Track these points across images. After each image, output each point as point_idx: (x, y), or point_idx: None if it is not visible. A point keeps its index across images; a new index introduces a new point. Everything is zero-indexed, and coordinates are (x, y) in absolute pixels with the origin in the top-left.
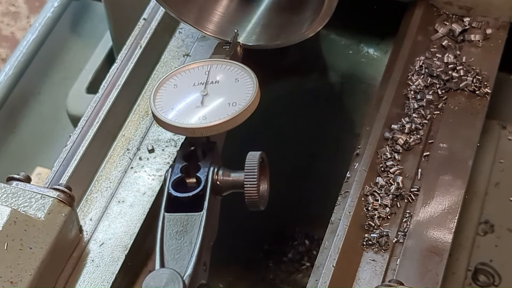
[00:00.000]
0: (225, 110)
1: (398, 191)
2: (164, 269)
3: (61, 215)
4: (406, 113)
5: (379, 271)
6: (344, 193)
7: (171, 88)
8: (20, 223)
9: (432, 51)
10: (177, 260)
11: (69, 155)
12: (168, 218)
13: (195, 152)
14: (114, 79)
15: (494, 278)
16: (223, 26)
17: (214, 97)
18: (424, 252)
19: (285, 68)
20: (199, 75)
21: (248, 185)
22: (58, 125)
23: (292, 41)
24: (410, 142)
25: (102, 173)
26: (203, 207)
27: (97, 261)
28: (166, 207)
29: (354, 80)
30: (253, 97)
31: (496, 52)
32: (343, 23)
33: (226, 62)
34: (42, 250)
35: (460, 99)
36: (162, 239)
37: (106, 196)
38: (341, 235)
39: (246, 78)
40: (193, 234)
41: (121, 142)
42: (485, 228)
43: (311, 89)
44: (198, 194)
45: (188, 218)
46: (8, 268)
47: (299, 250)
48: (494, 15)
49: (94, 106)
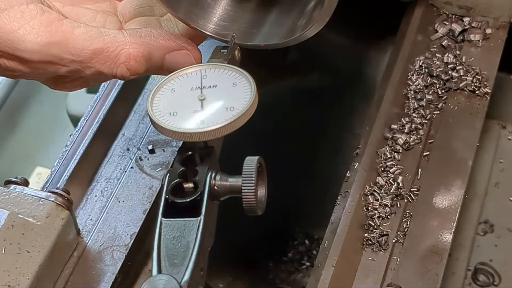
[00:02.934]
0: (223, 114)
1: (398, 191)
2: (161, 275)
3: (59, 219)
4: (406, 113)
5: (379, 270)
6: (344, 193)
7: (169, 93)
8: (17, 227)
9: (432, 51)
10: (174, 265)
11: (69, 155)
12: (165, 224)
13: (192, 156)
14: (114, 79)
15: (494, 278)
16: (220, 25)
17: (212, 101)
18: (424, 252)
19: (285, 68)
20: (197, 79)
21: (246, 190)
22: (58, 125)
23: (292, 41)
24: (410, 142)
25: (102, 173)
26: (200, 212)
27: (97, 261)
28: (164, 212)
29: (354, 80)
30: (251, 102)
31: (496, 52)
32: (343, 23)
33: (223, 66)
34: (40, 254)
35: (460, 99)
36: (160, 244)
37: (106, 196)
38: (341, 235)
39: (243, 82)
40: (190, 239)
41: (121, 142)
42: (485, 228)
43: (311, 89)
44: (196, 199)
45: (186, 224)
46: (6, 272)
47: (299, 250)
48: (494, 15)
49: (94, 106)
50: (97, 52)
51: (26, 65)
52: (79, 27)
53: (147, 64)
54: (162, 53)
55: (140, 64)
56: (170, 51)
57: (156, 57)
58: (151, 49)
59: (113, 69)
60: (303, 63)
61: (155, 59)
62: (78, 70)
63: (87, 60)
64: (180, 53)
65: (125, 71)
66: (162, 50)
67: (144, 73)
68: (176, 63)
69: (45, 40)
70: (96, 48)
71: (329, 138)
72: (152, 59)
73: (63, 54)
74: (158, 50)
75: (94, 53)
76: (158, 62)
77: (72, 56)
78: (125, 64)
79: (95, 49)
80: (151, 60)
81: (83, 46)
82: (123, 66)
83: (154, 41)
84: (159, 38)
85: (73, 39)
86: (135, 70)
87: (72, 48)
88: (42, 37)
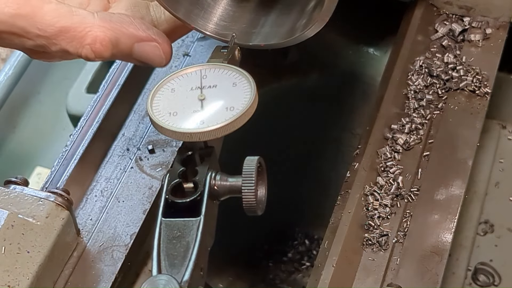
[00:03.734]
0: (223, 114)
1: (398, 191)
2: (161, 275)
3: (59, 219)
4: (406, 113)
5: (379, 270)
6: (344, 193)
7: (169, 93)
8: (17, 227)
9: (432, 51)
10: (174, 265)
11: (69, 155)
12: (165, 224)
13: (192, 156)
14: (114, 79)
15: (494, 278)
16: (220, 25)
17: (212, 101)
18: (424, 252)
19: (285, 68)
20: (197, 79)
21: (246, 190)
22: (58, 125)
23: (292, 41)
24: (410, 142)
25: (102, 173)
26: (200, 212)
27: (97, 261)
28: (163, 212)
29: (354, 80)
30: (251, 102)
31: (496, 52)
32: (343, 23)
33: (223, 66)
34: (40, 254)
35: (460, 99)
36: (159, 244)
37: (106, 196)
38: (341, 235)
39: (243, 82)
40: (190, 239)
41: (121, 142)
42: (485, 228)
43: (311, 89)
44: (196, 199)
45: (185, 224)
46: (6, 272)
47: (299, 250)
48: (494, 15)
49: (94, 106)
50: (63, 30)
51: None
52: (49, 3)
53: (113, 49)
54: (131, 42)
55: (105, 48)
56: (139, 41)
57: (124, 44)
58: (118, 35)
59: (78, 49)
60: (303, 63)
61: (123, 46)
62: (44, 45)
63: (53, 37)
64: (149, 45)
65: (90, 52)
66: (130, 39)
67: (109, 57)
68: (145, 53)
69: (11, 11)
70: (63, 26)
71: (329, 138)
72: (120, 45)
73: (29, 27)
74: (127, 38)
75: (60, 31)
76: (125, 49)
77: (38, 31)
78: (91, 45)
79: (61, 27)
80: (118, 46)
81: (50, 23)
82: (88, 47)
83: (124, 28)
84: (130, 26)
85: (41, 14)
86: (100, 53)
87: (38, 23)
88: (10, 8)
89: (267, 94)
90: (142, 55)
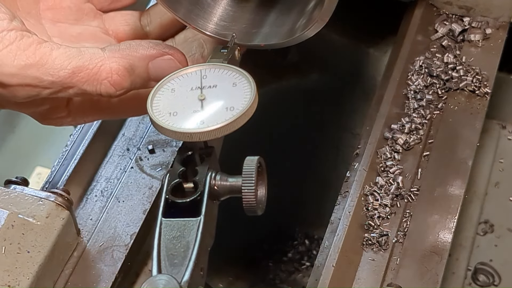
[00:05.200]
0: (223, 114)
1: (398, 191)
2: (161, 275)
3: (59, 219)
4: (406, 113)
5: (379, 270)
6: (344, 193)
7: (169, 93)
8: (17, 227)
9: (432, 51)
10: (174, 265)
11: (69, 155)
12: (165, 224)
13: (192, 156)
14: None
15: (494, 278)
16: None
17: (212, 101)
18: (424, 252)
19: (285, 68)
20: (197, 79)
21: (246, 190)
22: None
23: (292, 41)
24: (410, 142)
25: (102, 173)
26: (200, 212)
27: (97, 261)
28: (164, 212)
29: (354, 80)
30: (251, 102)
31: (496, 52)
32: (343, 23)
33: (223, 66)
34: (40, 254)
35: (460, 99)
36: (160, 244)
37: (106, 196)
38: (341, 235)
39: (243, 82)
40: (190, 239)
41: (121, 142)
42: (485, 228)
43: (311, 89)
44: (196, 199)
45: (186, 224)
46: (6, 272)
47: (299, 250)
48: (494, 15)
49: None
50: (76, 71)
51: (6, 89)
52: (58, 48)
53: (131, 77)
54: (145, 63)
55: (123, 77)
56: (152, 59)
57: (139, 67)
58: (131, 60)
59: (97, 87)
60: (303, 63)
61: (139, 70)
62: (60, 90)
63: (67, 80)
64: (163, 60)
65: (109, 87)
66: (144, 59)
67: (130, 86)
68: (161, 69)
69: (21, 62)
70: (75, 66)
71: (329, 138)
72: (136, 70)
73: (42, 75)
74: (140, 60)
75: (74, 72)
76: (142, 73)
77: (51, 77)
78: (108, 79)
79: (74, 68)
80: (135, 71)
81: (62, 66)
82: (106, 82)
83: (134, 52)
84: (139, 48)
85: (51, 60)
86: (119, 84)
87: (50, 69)
88: (19, 59)
89: (267, 94)
90: (158, 72)
